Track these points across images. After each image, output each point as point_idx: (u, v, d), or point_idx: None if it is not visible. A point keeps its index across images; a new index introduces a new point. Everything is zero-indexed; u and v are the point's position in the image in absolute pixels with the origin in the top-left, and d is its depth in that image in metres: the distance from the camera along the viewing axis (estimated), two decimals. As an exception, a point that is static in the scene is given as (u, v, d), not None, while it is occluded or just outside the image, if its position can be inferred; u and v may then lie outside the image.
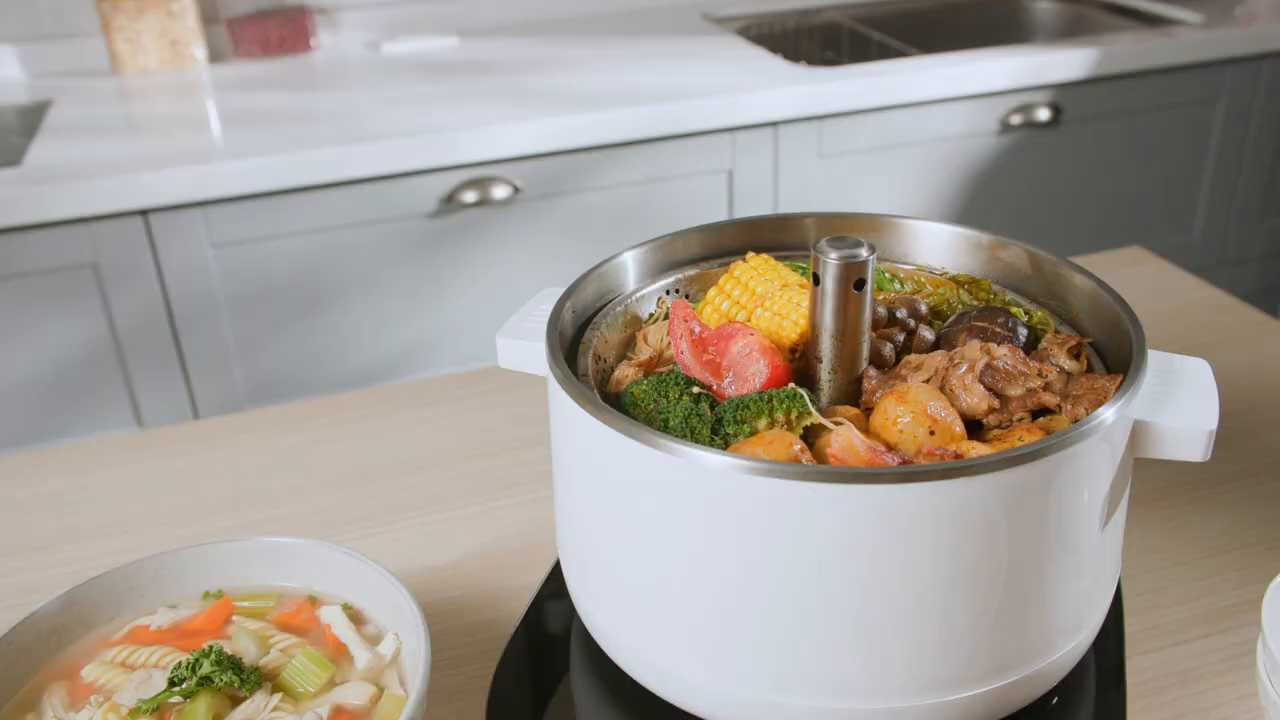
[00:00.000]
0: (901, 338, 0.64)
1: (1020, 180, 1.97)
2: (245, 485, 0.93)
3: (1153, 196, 2.08)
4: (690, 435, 0.56)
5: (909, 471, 0.48)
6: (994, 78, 1.85)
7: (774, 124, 1.79)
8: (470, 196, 1.69)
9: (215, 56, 2.06)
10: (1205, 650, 0.72)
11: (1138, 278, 1.18)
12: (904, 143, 1.87)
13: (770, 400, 0.56)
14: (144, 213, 1.58)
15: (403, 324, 1.76)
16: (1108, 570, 0.58)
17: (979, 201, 1.96)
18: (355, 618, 0.66)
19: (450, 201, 1.69)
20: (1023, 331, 0.63)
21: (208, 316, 1.66)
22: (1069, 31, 2.29)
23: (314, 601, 0.68)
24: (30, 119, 1.82)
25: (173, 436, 1.00)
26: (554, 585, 0.70)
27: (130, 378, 1.66)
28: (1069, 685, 0.62)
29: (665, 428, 0.56)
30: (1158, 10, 2.14)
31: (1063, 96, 1.92)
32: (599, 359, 0.64)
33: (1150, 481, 0.87)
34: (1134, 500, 0.85)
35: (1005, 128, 1.91)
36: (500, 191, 1.70)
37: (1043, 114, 1.91)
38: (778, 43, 2.20)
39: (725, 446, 0.55)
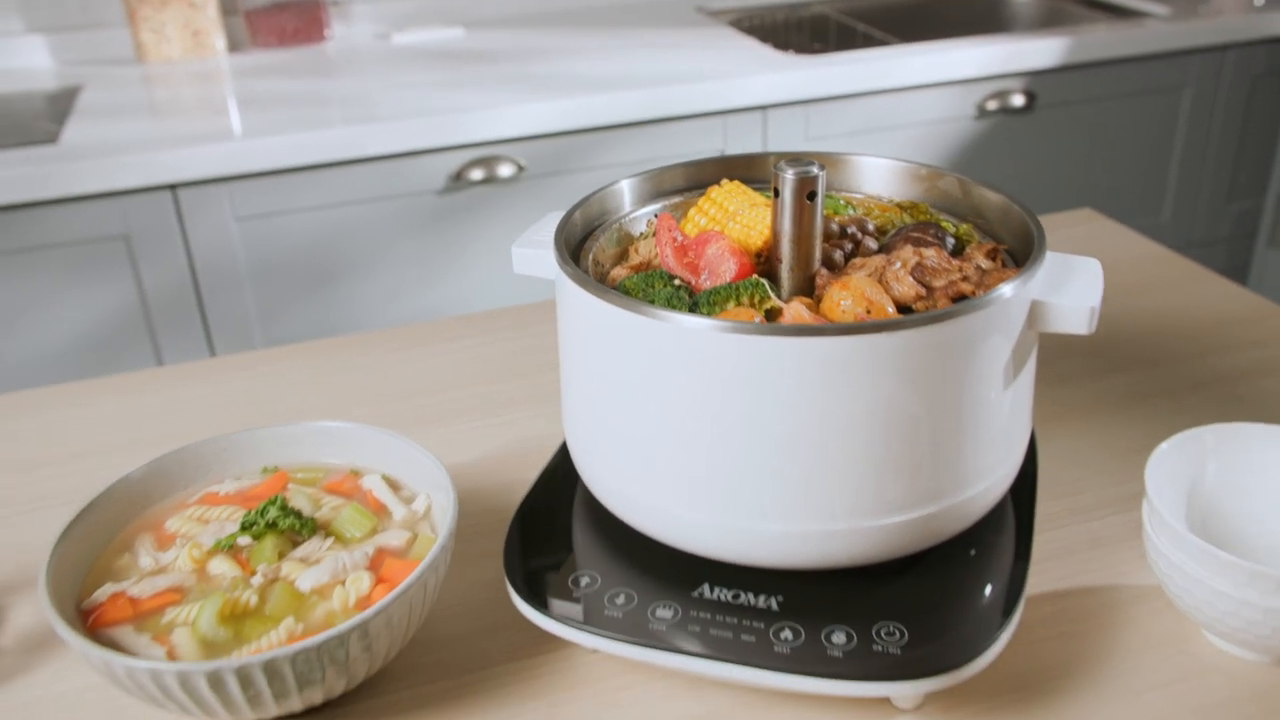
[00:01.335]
0: (850, 248, 0.77)
1: (996, 163, 2.11)
2: (274, 408, 1.06)
3: (1124, 180, 2.22)
4: (672, 312, 0.69)
5: (847, 327, 0.62)
6: (971, 65, 1.99)
7: (763, 108, 1.93)
8: (477, 174, 1.82)
9: (234, 46, 2.20)
10: (1114, 525, 0.85)
11: (1085, 234, 1.31)
12: (886, 126, 2.01)
13: (738, 288, 0.70)
14: (172, 188, 1.72)
15: (414, 294, 1.89)
16: (1017, 426, 0.71)
17: (958, 183, 2.09)
18: (392, 484, 0.80)
19: (458, 179, 1.83)
20: (950, 241, 0.76)
21: (231, 286, 1.80)
22: (1045, 24, 2.43)
23: (356, 473, 0.81)
24: (59, 104, 1.96)
25: (209, 368, 1.14)
26: (560, 462, 0.84)
27: (158, 344, 1.79)
28: (986, 541, 0.75)
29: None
30: (1128, 3, 2.29)
31: (1036, 83, 2.06)
32: (597, 263, 0.77)
33: (1082, 400, 1.01)
34: (1064, 413, 0.99)
35: (982, 113, 2.05)
36: (505, 170, 1.84)
37: (1017, 100, 2.05)
38: (768, 34, 2.34)
39: (701, 326, 0.69)
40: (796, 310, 0.68)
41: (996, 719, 0.70)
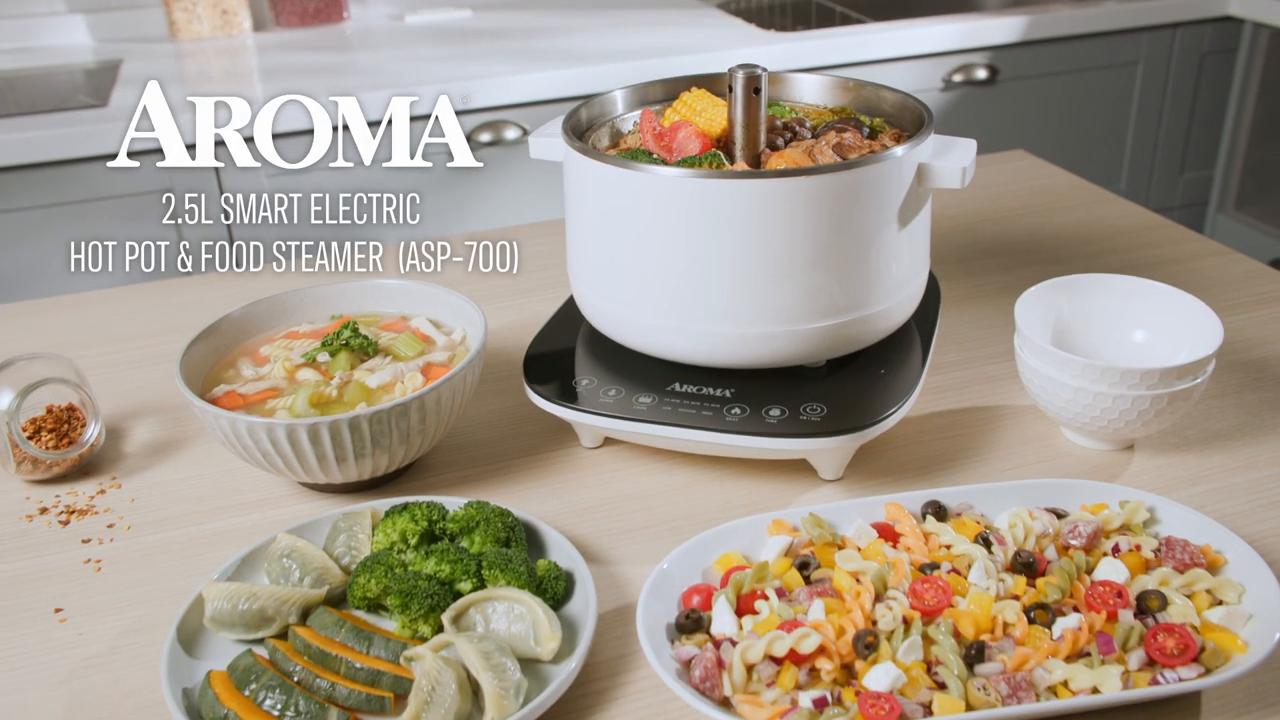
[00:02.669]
0: (790, 136, 1.04)
1: (960, 132, 2.36)
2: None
3: (1082, 149, 2.49)
4: (650, 173, 0.96)
5: (778, 172, 0.88)
6: (937, 40, 2.27)
7: (746, 78, 2.20)
8: (485, 137, 2.09)
9: (259, 25, 2.47)
10: (1005, 367, 1.12)
11: (1016, 168, 1.58)
12: (859, 96, 2.28)
13: (700, 158, 0.96)
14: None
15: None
16: (915, 264, 0.98)
17: (927, 150, 2.36)
18: (435, 324, 1.06)
19: (469, 141, 2.09)
20: (866, 130, 1.03)
21: (261, 238, 2.06)
22: (1010, 3, 2.71)
23: (406, 318, 1.08)
24: (97, 78, 2.23)
25: (253, 276, 1.40)
26: (567, 309, 1.10)
27: (195, 288, 2.06)
28: (893, 361, 1.01)
29: (636, 175, 0.96)
30: (1086, -14, 2.56)
31: (998, 58, 2.33)
32: (594, 148, 1.04)
33: (997, 285, 1.27)
34: (981, 294, 1.26)
35: (948, 85, 2.33)
36: (511, 133, 2.10)
37: (981, 73, 2.32)
38: (752, 16, 2.61)
39: (673, 187, 0.95)
40: (742, 167, 0.94)
41: (899, 486, 0.96)
